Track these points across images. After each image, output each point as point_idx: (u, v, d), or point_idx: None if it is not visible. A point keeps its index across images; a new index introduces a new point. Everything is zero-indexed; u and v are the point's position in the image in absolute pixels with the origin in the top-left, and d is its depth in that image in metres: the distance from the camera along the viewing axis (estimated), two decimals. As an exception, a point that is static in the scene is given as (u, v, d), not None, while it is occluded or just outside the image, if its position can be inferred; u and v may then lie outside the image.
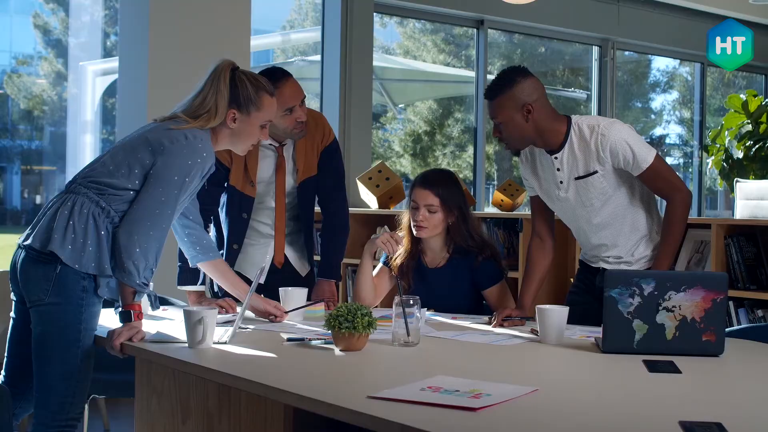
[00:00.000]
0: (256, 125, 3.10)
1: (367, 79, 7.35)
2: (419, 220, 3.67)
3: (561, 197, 3.43)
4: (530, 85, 3.30)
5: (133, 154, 2.96)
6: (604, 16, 9.07)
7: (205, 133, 3.02)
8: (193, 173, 2.95)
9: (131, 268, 2.85)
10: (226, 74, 3.05)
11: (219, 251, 3.40)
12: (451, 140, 9.86)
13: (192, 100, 3.06)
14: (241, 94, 3.06)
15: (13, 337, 3.07)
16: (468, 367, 2.62)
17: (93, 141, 7.04)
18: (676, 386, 2.38)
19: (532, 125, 3.31)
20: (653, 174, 3.29)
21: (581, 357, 2.75)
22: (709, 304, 2.70)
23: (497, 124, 3.34)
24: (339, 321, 2.71)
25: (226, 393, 2.68)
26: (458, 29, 9.34)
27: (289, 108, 3.58)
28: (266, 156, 3.74)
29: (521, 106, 3.28)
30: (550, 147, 3.38)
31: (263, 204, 3.77)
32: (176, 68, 5.45)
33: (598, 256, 3.50)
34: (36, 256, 2.89)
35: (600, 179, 3.32)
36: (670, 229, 3.32)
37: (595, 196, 3.36)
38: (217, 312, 2.84)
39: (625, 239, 3.42)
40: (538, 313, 2.95)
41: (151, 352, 2.79)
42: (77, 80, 7.16)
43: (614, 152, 3.27)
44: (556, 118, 3.35)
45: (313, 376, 2.48)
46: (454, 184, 3.71)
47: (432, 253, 3.76)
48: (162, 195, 2.90)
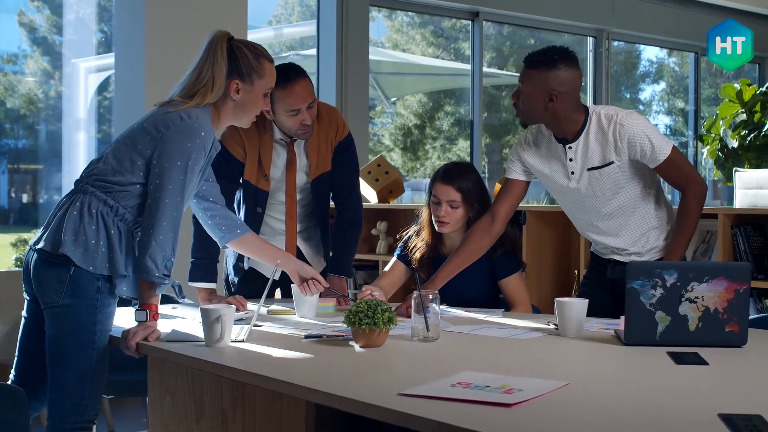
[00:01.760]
0: (259, 94, 3.02)
1: (363, 73, 7.32)
2: (441, 215, 3.63)
3: (571, 187, 3.40)
4: (568, 76, 3.26)
5: (133, 146, 2.90)
6: (599, 6, 9.06)
7: (203, 110, 2.94)
8: (194, 155, 2.87)
9: (149, 263, 2.80)
10: (223, 45, 2.96)
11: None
12: (441, 133, 9.84)
13: (187, 79, 2.98)
14: (241, 63, 2.97)
15: (25, 336, 3.03)
16: (492, 362, 2.59)
17: (86, 138, 6.99)
18: (706, 378, 2.35)
19: (550, 112, 3.28)
20: (670, 166, 3.26)
21: (604, 350, 2.72)
22: (732, 295, 2.68)
23: (520, 90, 3.32)
24: (359, 317, 2.67)
25: (240, 391, 2.64)
26: (447, 22, 9.31)
27: (295, 109, 3.52)
28: (278, 151, 3.69)
29: (547, 91, 3.25)
30: (563, 135, 3.35)
31: (275, 199, 3.72)
32: (173, 62, 5.38)
33: (608, 247, 3.48)
34: (48, 258, 2.84)
35: (615, 170, 3.30)
36: (685, 221, 3.30)
37: (607, 187, 3.33)
38: (235, 310, 2.79)
39: (632, 230, 3.40)
40: (558, 306, 2.92)
41: (168, 351, 2.76)
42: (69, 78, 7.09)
43: (632, 143, 3.24)
44: (577, 109, 3.32)
45: (337, 374, 2.45)
46: (475, 177, 3.68)
47: (451, 243, 3.73)
48: (168, 183, 2.84)
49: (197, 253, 3.59)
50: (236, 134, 3.60)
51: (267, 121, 3.60)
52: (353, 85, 7.20)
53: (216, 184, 3.24)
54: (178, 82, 3.01)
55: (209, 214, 3.23)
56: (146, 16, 5.47)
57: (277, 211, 3.74)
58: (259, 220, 3.70)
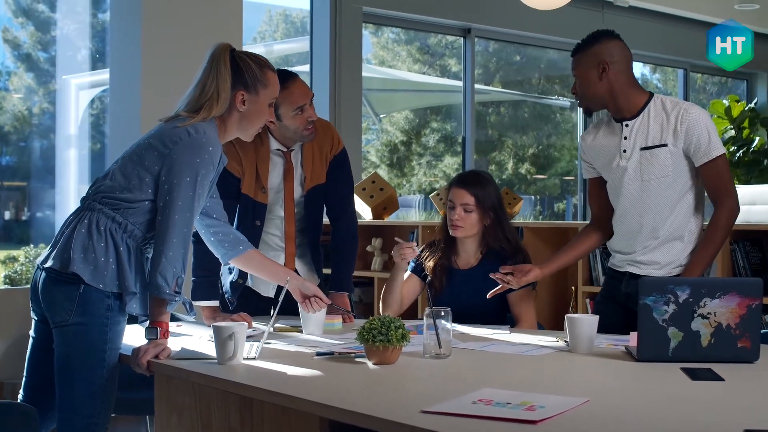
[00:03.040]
0: (265, 104, 3.02)
1: (356, 89, 7.33)
2: (455, 219, 3.67)
3: (621, 166, 3.40)
4: (614, 46, 3.37)
5: (140, 163, 2.89)
6: (589, 23, 9.10)
7: (210, 124, 2.93)
8: (203, 170, 2.86)
9: (160, 280, 2.79)
10: (226, 57, 2.96)
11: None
12: (427, 150, 9.85)
13: (192, 93, 2.97)
14: (246, 74, 2.97)
15: (33, 356, 3.00)
16: (507, 378, 2.59)
17: (77, 155, 6.96)
18: (725, 394, 2.36)
19: (606, 84, 3.35)
20: (716, 169, 3.29)
21: (618, 366, 2.72)
22: (744, 311, 2.68)
23: (575, 82, 3.41)
24: (373, 334, 2.66)
25: (249, 408, 2.63)
26: (433, 38, 9.34)
27: (299, 107, 3.53)
28: (274, 162, 3.69)
29: (597, 63, 3.34)
30: (621, 114, 3.39)
31: (272, 213, 3.72)
32: (169, 77, 5.40)
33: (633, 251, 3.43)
34: (57, 277, 2.82)
35: (666, 154, 3.30)
36: (714, 236, 3.30)
37: (654, 172, 3.33)
38: (247, 327, 2.78)
39: (665, 230, 3.35)
40: (569, 323, 2.92)
41: (180, 369, 2.74)
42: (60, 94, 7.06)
43: (691, 130, 3.27)
44: (635, 86, 3.39)
45: (355, 390, 2.44)
46: (491, 187, 3.71)
47: (465, 255, 3.75)
48: (178, 199, 2.83)
49: (198, 271, 3.57)
50: (232, 149, 3.59)
51: (263, 133, 3.60)
52: (346, 101, 7.21)
53: (219, 200, 3.23)
54: (182, 96, 3.01)
55: (212, 230, 3.21)
56: (142, 30, 5.46)
57: (274, 227, 3.73)
58: (258, 234, 3.68)
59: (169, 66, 5.49)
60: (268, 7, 9.25)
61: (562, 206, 10.74)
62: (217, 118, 2.98)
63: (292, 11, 9.27)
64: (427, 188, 9.65)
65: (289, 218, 3.71)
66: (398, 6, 7.91)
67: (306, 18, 8.54)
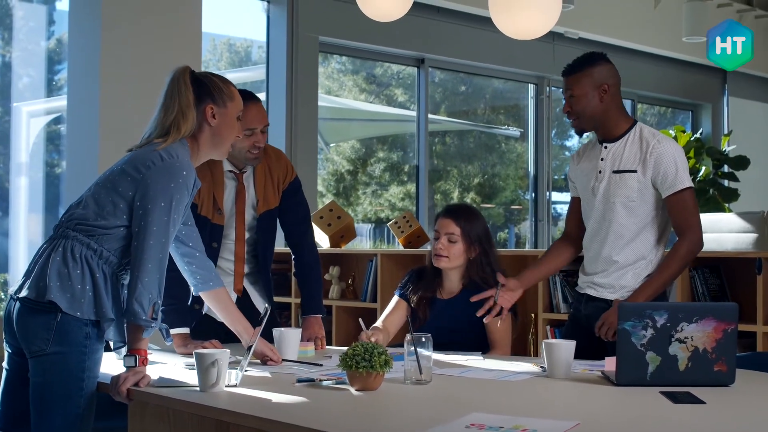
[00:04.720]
0: (233, 117, 3.01)
1: (312, 118, 7.35)
2: (439, 248, 3.69)
3: (595, 188, 3.50)
4: (611, 69, 3.48)
5: (114, 189, 2.86)
6: (540, 54, 9.24)
7: (182, 145, 2.92)
8: (177, 195, 2.84)
9: (136, 307, 2.75)
10: (186, 77, 2.95)
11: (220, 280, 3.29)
12: (373, 179, 9.87)
13: (157, 117, 2.95)
14: (211, 88, 2.97)
15: (8, 388, 2.93)
16: (493, 403, 2.60)
17: (27, 183, 6.86)
18: (709, 417, 2.39)
19: (603, 106, 3.44)
20: (682, 202, 3.37)
21: (598, 390, 2.75)
22: (720, 335, 2.74)
23: (569, 98, 3.47)
24: (356, 360, 2.66)
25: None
26: (379, 68, 9.40)
27: (251, 129, 3.54)
28: (227, 184, 3.70)
29: (599, 84, 3.43)
30: (606, 136, 3.49)
31: (227, 237, 3.71)
32: (128, 104, 5.38)
33: (593, 272, 3.52)
34: (33, 306, 2.78)
35: (634, 180, 3.39)
36: (670, 263, 3.37)
37: (621, 195, 3.41)
38: (229, 354, 2.76)
39: (623, 256, 3.44)
40: (546, 348, 2.95)
41: (162, 397, 2.70)
42: (12, 122, 6.97)
43: (659, 161, 3.36)
44: (623, 111, 3.51)
45: (344, 417, 2.43)
46: (478, 220, 3.74)
47: (449, 284, 3.78)
48: (152, 224, 2.80)
49: (168, 299, 3.51)
50: None
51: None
52: (302, 131, 7.22)
53: (195, 228, 3.19)
54: (149, 124, 2.98)
55: (186, 260, 3.18)
56: (101, 57, 5.43)
57: (228, 251, 3.72)
58: (215, 256, 3.66)
59: (127, 92, 5.48)
60: (212, 36, 9.23)
61: (504, 235, 10.81)
62: (189, 138, 2.96)
63: (236, 41, 9.25)
64: (373, 217, 9.66)
65: (239, 239, 3.71)
66: (354, 36, 7.97)
67: (250, 48, 8.55)
